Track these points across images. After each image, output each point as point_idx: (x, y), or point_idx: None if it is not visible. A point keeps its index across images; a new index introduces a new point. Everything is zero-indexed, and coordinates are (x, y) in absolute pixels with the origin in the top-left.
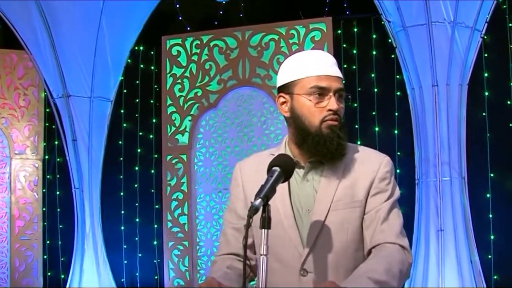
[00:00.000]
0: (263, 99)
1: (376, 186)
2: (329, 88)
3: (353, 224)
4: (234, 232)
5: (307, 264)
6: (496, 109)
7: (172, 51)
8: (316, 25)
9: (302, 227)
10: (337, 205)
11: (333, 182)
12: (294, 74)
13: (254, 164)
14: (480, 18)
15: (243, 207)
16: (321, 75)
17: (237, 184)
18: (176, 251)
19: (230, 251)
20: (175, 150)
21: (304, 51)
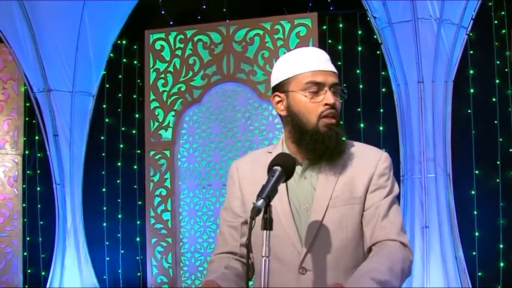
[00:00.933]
0: (247, 95)
1: (375, 183)
2: (325, 83)
3: (353, 221)
4: (231, 230)
5: (306, 262)
6: (481, 106)
7: (155, 45)
8: (301, 20)
9: (300, 225)
10: (336, 202)
11: (331, 179)
12: (288, 71)
13: (251, 162)
14: (466, 15)
15: (239, 205)
16: (315, 70)
17: (233, 182)
18: (159, 248)
19: (227, 250)
20: (158, 145)
21: (296, 48)
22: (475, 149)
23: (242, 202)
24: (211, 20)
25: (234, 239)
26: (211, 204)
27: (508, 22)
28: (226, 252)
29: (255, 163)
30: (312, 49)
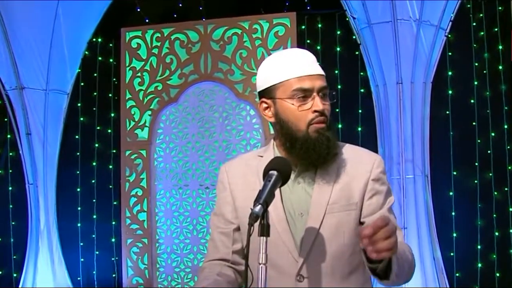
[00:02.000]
0: (225, 94)
1: (372, 188)
2: (312, 88)
3: (349, 226)
4: (222, 237)
5: (303, 270)
6: (460, 108)
7: (131, 43)
8: (279, 20)
9: (295, 232)
10: (333, 208)
11: (327, 184)
12: (274, 77)
13: (241, 166)
14: (445, 17)
15: (231, 211)
16: (302, 76)
17: (224, 187)
18: (135, 249)
19: (218, 257)
20: (134, 145)
21: (281, 51)
22: (453, 150)
23: (233, 207)
24: (187, 18)
25: (225, 246)
26: (188, 204)
27: (486, 24)
28: (218, 259)
29: (246, 167)
30: (298, 52)
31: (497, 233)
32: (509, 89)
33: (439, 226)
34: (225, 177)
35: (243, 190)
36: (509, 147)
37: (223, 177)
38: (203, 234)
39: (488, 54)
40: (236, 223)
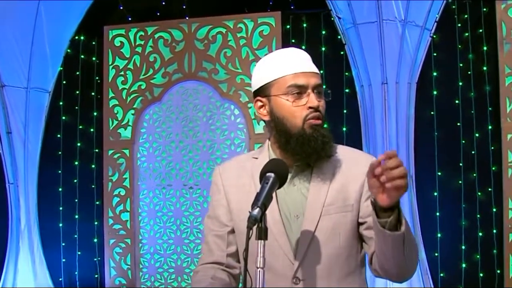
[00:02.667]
0: (209, 94)
1: (366, 185)
2: (307, 85)
3: (346, 228)
4: (217, 239)
5: (299, 272)
6: (444, 108)
7: (114, 42)
8: (264, 19)
9: (291, 234)
10: (329, 210)
11: (322, 186)
12: (269, 75)
13: (235, 167)
14: (430, 17)
15: (225, 214)
16: (297, 72)
17: (218, 190)
18: (118, 249)
19: (213, 260)
20: (117, 144)
21: (276, 50)
22: (438, 150)
23: (227, 210)
24: (170, 17)
25: (220, 249)
26: (171, 204)
27: (471, 25)
28: (212, 262)
29: (240, 169)
30: (293, 50)
31: (481, 233)
32: (493, 90)
33: (424, 226)
34: (219, 179)
35: (237, 192)
36: (493, 147)
37: (217, 179)
38: (187, 234)
39: (472, 55)
40: (231, 225)
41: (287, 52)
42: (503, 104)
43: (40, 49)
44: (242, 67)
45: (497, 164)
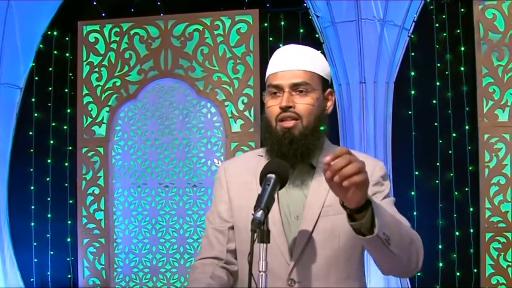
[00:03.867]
0: (185, 91)
1: (371, 189)
2: (282, 85)
3: (346, 230)
4: (217, 234)
5: (295, 273)
6: (422, 108)
7: (89, 37)
8: (242, 17)
9: (290, 235)
10: (328, 211)
11: (323, 186)
12: (267, 73)
13: (239, 165)
14: (409, 17)
15: (226, 210)
16: (276, 72)
17: (221, 185)
18: (92, 249)
19: (213, 255)
20: (91, 142)
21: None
22: (415, 150)
23: (229, 206)
24: (144, 14)
25: (220, 243)
26: (147, 203)
27: (449, 26)
28: (211, 257)
29: (245, 166)
30: (286, 47)
31: (458, 233)
32: (470, 90)
33: None
34: (223, 176)
35: (240, 189)
36: (469, 147)
37: (221, 176)
38: (162, 233)
39: (450, 55)
40: (232, 222)
41: (282, 49)
42: (480, 104)
43: (11, 44)
44: (219, 64)
45: (474, 164)
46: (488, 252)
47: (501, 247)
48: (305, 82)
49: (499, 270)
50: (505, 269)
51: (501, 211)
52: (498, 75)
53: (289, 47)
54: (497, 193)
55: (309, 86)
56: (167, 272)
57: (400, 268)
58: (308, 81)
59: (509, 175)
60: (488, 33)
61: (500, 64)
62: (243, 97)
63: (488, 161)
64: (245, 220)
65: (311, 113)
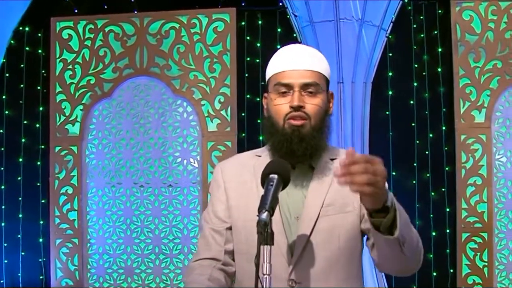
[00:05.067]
0: (161, 90)
1: None
2: (292, 84)
3: (345, 230)
4: (215, 234)
5: (295, 274)
6: (399, 108)
7: (62, 34)
8: (219, 15)
9: (290, 235)
10: (328, 211)
11: (322, 186)
12: (268, 72)
13: (236, 165)
14: (387, 17)
15: (224, 210)
16: (285, 70)
17: (218, 186)
18: (65, 249)
19: (210, 256)
20: (64, 141)
21: (285, 46)
22: (393, 150)
23: (227, 206)
24: (118, 11)
25: (218, 244)
26: (121, 203)
27: (427, 27)
28: (209, 258)
29: (242, 166)
30: (294, 46)
31: (434, 233)
32: (447, 91)
33: None
34: (219, 176)
35: (238, 189)
36: (446, 148)
37: (217, 176)
38: (137, 234)
39: (427, 56)
40: (229, 222)
41: (287, 48)
42: (457, 105)
43: None
44: (196, 63)
45: (451, 164)
46: (464, 252)
47: (477, 247)
48: (315, 82)
49: (475, 270)
50: (481, 269)
51: (477, 211)
52: (475, 77)
53: (295, 46)
54: (474, 193)
55: (318, 87)
56: (142, 273)
57: (406, 268)
58: (318, 82)
59: (486, 175)
60: (465, 34)
61: (477, 65)
62: (220, 96)
63: (464, 161)
64: (243, 221)
65: (319, 114)
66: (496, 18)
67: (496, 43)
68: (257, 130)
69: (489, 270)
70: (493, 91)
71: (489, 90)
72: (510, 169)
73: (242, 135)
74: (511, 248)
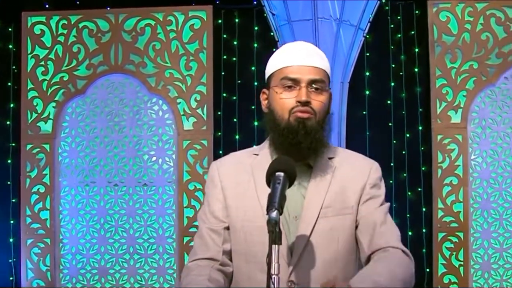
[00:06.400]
0: (136, 88)
1: (368, 192)
2: (300, 79)
3: (344, 232)
4: (212, 234)
5: (294, 275)
6: (376, 108)
7: (34, 29)
8: (195, 13)
9: (289, 236)
10: (327, 212)
11: (321, 187)
12: (272, 67)
13: (233, 164)
14: (364, 17)
15: (221, 209)
16: (292, 65)
17: (214, 185)
18: (36, 249)
19: (208, 256)
20: (36, 138)
21: (289, 43)
22: (369, 150)
23: (224, 206)
24: (90, 6)
25: (215, 244)
26: (95, 202)
27: (404, 27)
28: (207, 258)
29: (239, 165)
30: (299, 43)
31: (411, 232)
32: (423, 91)
33: None
34: (216, 175)
35: (234, 188)
36: (423, 148)
37: (214, 174)
38: (111, 233)
39: (404, 56)
40: (227, 222)
41: (293, 44)
42: (434, 105)
43: None
44: (172, 61)
45: (427, 164)
46: (440, 251)
47: (453, 246)
48: (322, 79)
49: (451, 270)
50: (457, 268)
51: (453, 211)
52: (451, 77)
53: (302, 43)
54: (450, 193)
55: (324, 84)
56: (116, 273)
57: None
58: (324, 79)
59: (462, 175)
60: (442, 35)
61: (453, 66)
62: (196, 94)
63: (441, 161)
64: (242, 221)
65: (324, 111)
66: (473, 19)
67: (472, 44)
68: (233, 129)
69: (464, 269)
70: (469, 91)
71: (465, 90)
72: (485, 169)
73: (218, 134)
74: (486, 248)
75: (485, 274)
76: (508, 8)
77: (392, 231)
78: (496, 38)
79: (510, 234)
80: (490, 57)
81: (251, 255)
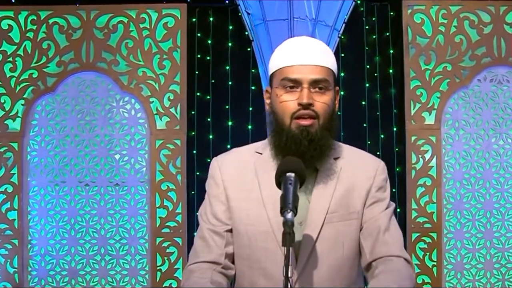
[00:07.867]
0: (108, 86)
1: (373, 195)
2: (301, 79)
3: (350, 237)
4: (215, 236)
5: (298, 282)
6: (351, 109)
7: (1, 24)
8: (169, 10)
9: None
10: (332, 218)
11: (327, 191)
12: (274, 65)
13: (235, 162)
14: (340, 18)
15: (224, 211)
16: (294, 65)
17: (216, 184)
18: (3, 251)
19: (210, 259)
20: (4, 137)
21: (293, 38)
22: None
23: (227, 207)
24: (60, 2)
25: (218, 246)
26: (65, 202)
27: (379, 28)
28: (209, 261)
29: (241, 163)
30: (302, 39)
31: None
32: (398, 93)
33: None
34: (217, 173)
35: (238, 188)
36: (397, 149)
37: (215, 173)
38: (82, 234)
39: (379, 57)
40: (230, 224)
41: (294, 41)
42: (408, 106)
43: None
44: (145, 59)
45: (401, 165)
46: (414, 252)
47: (426, 247)
48: (325, 79)
49: (424, 270)
50: (430, 268)
51: (427, 212)
52: (426, 79)
53: (303, 39)
54: (423, 194)
55: (328, 83)
56: (87, 275)
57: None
58: (327, 78)
59: (435, 176)
60: (416, 37)
61: (428, 68)
62: (169, 93)
63: (415, 162)
64: (245, 224)
65: (328, 112)
66: (447, 22)
67: (446, 46)
68: (207, 129)
69: (438, 269)
70: (443, 93)
71: (439, 92)
72: (458, 170)
73: (192, 134)
74: (459, 248)
75: (458, 274)
76: (481, 12)
77: (395, 238)
78: (469, 41)
79: (483, 234)
80: (463, 60)
81: (254, 260)
